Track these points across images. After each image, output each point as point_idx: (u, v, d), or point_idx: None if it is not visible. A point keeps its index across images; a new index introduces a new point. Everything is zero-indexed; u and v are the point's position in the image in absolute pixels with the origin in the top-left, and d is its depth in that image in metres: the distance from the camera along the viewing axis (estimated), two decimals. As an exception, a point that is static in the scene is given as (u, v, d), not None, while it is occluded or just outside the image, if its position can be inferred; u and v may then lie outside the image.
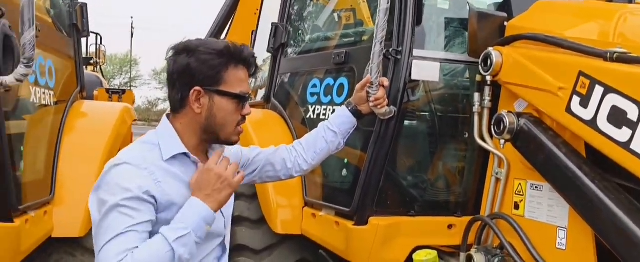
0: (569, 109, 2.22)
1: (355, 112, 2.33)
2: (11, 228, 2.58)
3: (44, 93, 3.11)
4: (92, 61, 11.13)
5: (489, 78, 2.63)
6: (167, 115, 1.74)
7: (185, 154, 1.67)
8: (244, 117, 1.74)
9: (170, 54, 1.68)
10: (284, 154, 2.11)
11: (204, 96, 1.65)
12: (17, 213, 2.65)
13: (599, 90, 2.12)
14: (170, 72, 1.68)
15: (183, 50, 1.65)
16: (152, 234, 1.55)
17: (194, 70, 1.63)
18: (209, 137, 1.71)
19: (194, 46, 1.65)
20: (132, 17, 65.85)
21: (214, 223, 1.65)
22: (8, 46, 2.45)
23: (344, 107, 2.36)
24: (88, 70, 10.15)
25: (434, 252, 2.74)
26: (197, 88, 1.63)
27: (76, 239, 3.14)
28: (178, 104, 1.68)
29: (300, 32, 3.97)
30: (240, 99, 1.69)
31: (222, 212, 1.76)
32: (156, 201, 1.56)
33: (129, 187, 1.51)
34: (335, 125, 2.26)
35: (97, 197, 1.55)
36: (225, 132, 1.70)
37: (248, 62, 1.71)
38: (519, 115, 2.45)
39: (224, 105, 1.67)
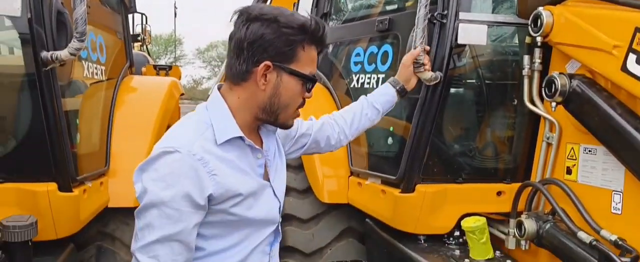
0: (624, 68, 2.13)
1: (402, 91, 2.33)
2: (71, 197, 2.69)
3: (95, 68, 3.21)
4: (139, 38, 11.33)
5: (539, 39, 2.55)
6: (219, 87, 1.59)
7: (240, 137, 1.53)
8: (304, 101, 1.59)
9: (239, 17, 1.50)
10: (328, 130, 2.09)
11: (272, 72, 1.49)
12: (75, 183, 2.76)
13: (657, 46, 2.03)
14: (239, 38, 1.48)
15: (258, 18, 1.47)
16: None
17: (268, 43, 1.46)
18: (266, 118, 1.56)
19: (272, 15, 1.47)
20: (175, -3, 66.66)
21: (270, 209, 1.62)
22: (61, 22, 2.56)
23: (388, 84, 2.33)
24: (136, 50, 10.38)
25: (483, 219, 2.72)
26: (268, 62, 1.47)
27: (131, 209, 3.24)
28: (241, 75, 1.51)
29: (342, 1, 3.94)
30: (309, 82, 1.54)
31: (277, 197, 1.66)
32: (210, 197, 1.45)
33: (176, 186, 1.39)
34: (379, 103, 2.25)
35: (142, 181, 1.44)
36: (286, 114, 1.56)
37: (323, 43, 1.55)
38: (571, 76, 2.37)
39: (291, 85, 1.52)
